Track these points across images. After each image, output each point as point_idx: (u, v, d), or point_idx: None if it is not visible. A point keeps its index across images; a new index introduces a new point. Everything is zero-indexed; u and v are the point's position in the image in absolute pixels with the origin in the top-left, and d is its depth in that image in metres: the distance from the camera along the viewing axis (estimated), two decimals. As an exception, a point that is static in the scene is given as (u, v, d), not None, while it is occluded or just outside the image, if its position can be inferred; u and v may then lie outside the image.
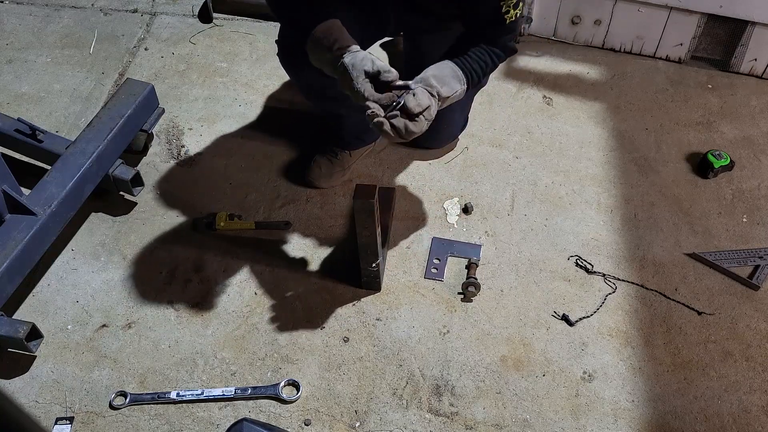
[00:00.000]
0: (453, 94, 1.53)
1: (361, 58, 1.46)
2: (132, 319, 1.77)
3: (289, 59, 1.79)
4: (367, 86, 1.45)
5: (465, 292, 1.79)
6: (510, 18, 1.56)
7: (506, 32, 1.61)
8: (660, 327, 1.75)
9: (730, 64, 2.39)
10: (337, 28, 1.51)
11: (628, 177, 2.08)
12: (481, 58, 1.60)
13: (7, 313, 1.70)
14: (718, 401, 1.62)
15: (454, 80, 1.54)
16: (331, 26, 1.51)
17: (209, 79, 2.40)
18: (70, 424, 1.57)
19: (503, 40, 1.62)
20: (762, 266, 1.85)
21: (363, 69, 1.45)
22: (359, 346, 1.71)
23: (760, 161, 2.13)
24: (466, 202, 2.00)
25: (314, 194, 2.03)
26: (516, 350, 1.71)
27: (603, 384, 1.65)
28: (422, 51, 1.91)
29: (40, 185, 1.78)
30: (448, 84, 1.52)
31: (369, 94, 1.45)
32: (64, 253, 1.90)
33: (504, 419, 1.59)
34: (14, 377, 1.66)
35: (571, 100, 2.31)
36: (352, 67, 1.45)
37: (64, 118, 2.27)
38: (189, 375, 1.67)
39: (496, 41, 1.62)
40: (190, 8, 2.68)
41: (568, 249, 1.90)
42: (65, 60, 2.48)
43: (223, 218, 1.94)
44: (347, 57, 1.47)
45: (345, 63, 1.46)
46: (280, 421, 1.59)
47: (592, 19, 2.43)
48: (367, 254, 1.68)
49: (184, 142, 2.19)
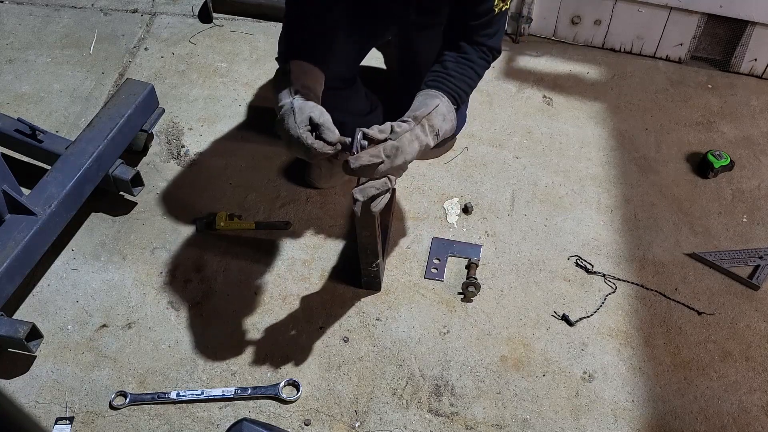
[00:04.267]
0: (445, 127, 1.49)
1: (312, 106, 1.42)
2: (132, 319, 1.77)
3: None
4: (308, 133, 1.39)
5: (465, 292, 1.79)
6: (497, 8, 1.52)
7: (491, 26, 1.56)
8: (660, 327, 1.75)
9: (730, 64, 2.39)
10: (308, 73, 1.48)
11: (628, 177, 2.08)
12: (465, 74, 1.55)
13: (7, 313, 1.70)
14: (718, 401, 1.62)
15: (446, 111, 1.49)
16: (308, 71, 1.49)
17: (209, 79, 2.40)
18: (70, 424, 1.57)
19: (486, 35, 1.57)
20: (762, 266, 1.85)
21: (309, 115, 1.40)
22: (359, 346, 1.71)
23: (760, 161, 2.13)
24: (466, 202, 2.00)
25: (314, 194, 2.03)
26: (516, 350, 1.71)
27: (603, 384, 1.65)
28: (415, 49, 1.91)
29: (40, 185, 1.78)
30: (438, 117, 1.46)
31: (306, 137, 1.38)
32: (64, 253, 1.90)
33: (504, 419, 1.59)
34: (14, 377, 1.66)
35: (571, 100, 2.31)
36: (300, 110, 1.40)
37: (64, 118, 2.27)
38: (189, 375, 1.67)
39: (477, 38, 1.57)
40: (190, 8, 2.68)
41: (568, 249, 1.90)
42: (65, 60, 2.48)
43: (223, 218, 1.94)
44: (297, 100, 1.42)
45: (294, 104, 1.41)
46: (280, 421, 1.59)
47: (592, 19, 2.43)
48: (367, 254, 1.68)
49: (184, 142, 2.19)
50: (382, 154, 1.35)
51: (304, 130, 1.38)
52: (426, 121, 1.43)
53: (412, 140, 1.40)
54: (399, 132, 1.38)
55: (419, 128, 1.42)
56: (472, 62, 1.57)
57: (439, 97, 1.49)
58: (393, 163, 1.37)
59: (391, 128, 1.39)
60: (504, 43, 2.50)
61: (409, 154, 1.39)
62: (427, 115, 1.44)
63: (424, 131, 1.43)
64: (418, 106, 1.47)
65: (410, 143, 1.39)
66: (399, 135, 1.38)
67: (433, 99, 1.48)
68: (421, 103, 1.48)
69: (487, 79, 2.34)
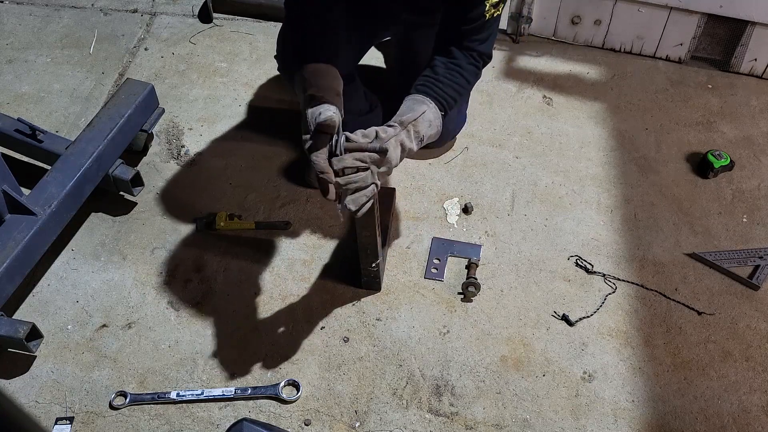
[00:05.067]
0: (430, 133, 1.50)
1: (320, 113, 1.42)
2: (132, 319, 1.77)
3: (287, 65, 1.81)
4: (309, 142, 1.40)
5: (465, 292, 1.79)
6: (489, 14, 1.53)
7: (482, 31, 1.57)
8: (660, 327, 1.75)
9: (730, 64, 2.39)
10: (323, 73, 1.48)
11: (628, 177, 2.08)
12: (453, 80, 1.56)
13: (7, 313, 1.70)
14: (718, 401, 1.62)
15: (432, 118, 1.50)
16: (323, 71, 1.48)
17: (209, 79, 2.40)
18: (70, 424, 1.58)
19: (477, 40, 1.58)
20: (762, 266, 1.85)
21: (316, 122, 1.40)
22: (359, 346, 1.71)
23: (760, 161, 2.13)
24: (466, 202, 2.00)
25: (314, 194, 2.03)
26: (516, 350, 1.71)
27: (603, 384, 1.65)
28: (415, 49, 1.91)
29: (40, 185, 1.78)
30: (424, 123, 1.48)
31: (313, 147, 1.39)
32: (64, 253, 1.90)
33: (504, 419, 1.59)
34: (14, 377, 1.66)
35: (571, 100, 2.31)
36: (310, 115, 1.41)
37: (64, 118, 2.27)
38: (189, 375, 1.67)
39: (468, 43, 1.58)
40: (190, 8, 2.68)
41: (568, 249, 1.90)
42: (65, 60, 2.48)
43: (223, 218, 1.94)
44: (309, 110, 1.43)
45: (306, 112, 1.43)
46: (280, 421, 1.59)
47: (592, 19, 2.43)
48: (367, 254, 1.68)
49: (184, 142, 2.19)
50: (367, 158, 1.36)
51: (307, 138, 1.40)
52: (412, 126, 1.45)
53: (397, 146, 1.41)
54: (384, 138, 1.39)
55: (404, 133, 1.43)
56: (461, 68, 1.58)
57: (427, 103, 1.51)
58: (378, 168, 1.38)
59: (376, 133, 1.40)
60: (504, 43, 2.50)
61: (394, 160, 1.41)
62: (413, 121, 1.45)
63: (409, 137, 1.44)
64: (405, 110, 1.48)
65: (395, 149, 1.41)
66: (384, 141, 1.39)
67: (420, 105, 1.49)
68: (409, 108, 1.49)
69: (487, 79, 2.35)
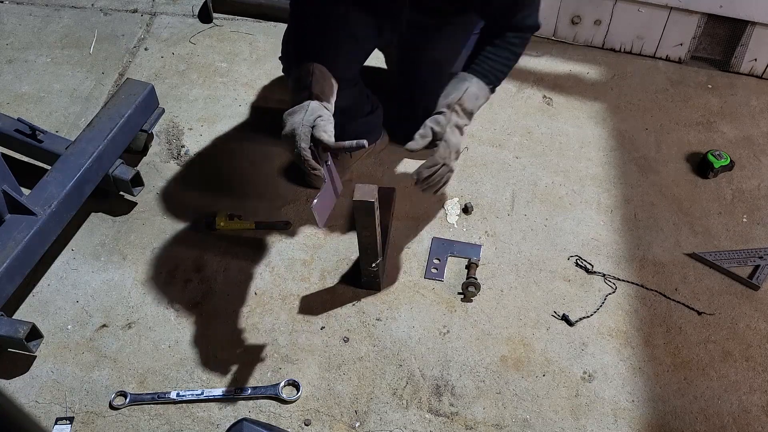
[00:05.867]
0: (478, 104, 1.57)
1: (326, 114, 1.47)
2: (132, 319, 1.77)
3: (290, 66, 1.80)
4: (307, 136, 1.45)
5: (465, 292, 1.79)
6: None
7: (524, 10, 1.60)
8: (660, 327, 1.75)
9: (730, 64, 2.39)
10: (330, 85, 1.52)
11: (628, 177, 2.08)
12: (498, 54, 1.60)
13: (7, 313, 1.70)
14: (718, 401, 1.62)
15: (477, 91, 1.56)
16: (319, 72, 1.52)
17: (209, 79, 2.40)
18: (70, 424, 1.58)
19: (520, 17, 1.60)
20: (762, 266, 1.85)
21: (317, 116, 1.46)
22: (359, 346, 1.71)
23: (760, 161, 2.13)
24: (466, 202, 2.00)
25: (314, 194, 2.02)
26: (516, 350, 1.71)
27: (603, 384, 1.65)
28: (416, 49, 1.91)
29: (40, 185, 1.78)
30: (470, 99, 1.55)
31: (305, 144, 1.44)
32: (64, 253, 1.90)
33: (504, 419, 1.59)
34: (14, 377, 1.66)
35: (571, 100, 2.31)
36: (312, 110, 1.46)
37: (64, 118, 2.27)
38: (189, 375, 1.67)
39: (513, 22, 1.60)
40: (190, 8, 2.68)
41: (568, 249, 1.90)
42: (65, 60, 2.48)
43: (223, 218, 1.94)
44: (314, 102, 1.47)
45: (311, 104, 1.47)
46: (280, 421, 1.59)
47: (592, 19, 2.43)
48: (367, 254, 1.68)
49: (184, 142, 2.19)
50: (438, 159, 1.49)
51: (305, 129, 1.42)
52: (458, 106, 1.53)
53: (453, 130, 1.52)
54: (439, 131, 1.50)
55: (455, 115, 1.52)
56: (506, 41, 1.62)
57: (468, 79, 1.57)
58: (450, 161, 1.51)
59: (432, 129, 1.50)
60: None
61: (455, 144, 1.52)
62: (458, 100, 1.53)
63: (459, 115, 1.53)
64: (449, 91, 1.56)
65: (452, 134, 1.51)
66: (443, 132, 1.50)
67: (462, 82, 1.56)
68: (453, 88, 1.56)
69: (487, 79, 2.35)
